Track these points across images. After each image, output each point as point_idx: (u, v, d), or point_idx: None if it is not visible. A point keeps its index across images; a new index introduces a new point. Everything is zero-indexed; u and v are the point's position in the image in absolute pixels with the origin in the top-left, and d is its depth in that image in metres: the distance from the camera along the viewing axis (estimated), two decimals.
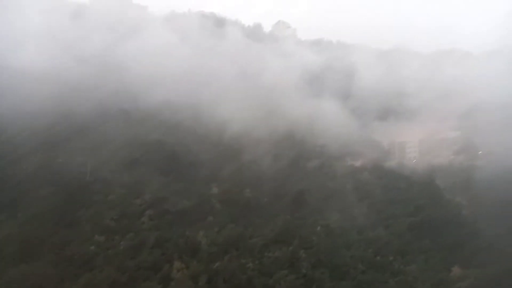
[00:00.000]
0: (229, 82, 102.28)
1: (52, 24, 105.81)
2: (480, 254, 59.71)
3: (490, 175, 74.28)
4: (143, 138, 76.19)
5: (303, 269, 53.48)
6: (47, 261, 45.66)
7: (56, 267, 44.89)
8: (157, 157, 71.58)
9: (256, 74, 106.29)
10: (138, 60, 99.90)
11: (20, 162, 65.90)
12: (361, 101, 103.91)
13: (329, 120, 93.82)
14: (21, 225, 51.55)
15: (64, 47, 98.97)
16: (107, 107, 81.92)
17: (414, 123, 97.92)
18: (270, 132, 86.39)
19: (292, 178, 77.49)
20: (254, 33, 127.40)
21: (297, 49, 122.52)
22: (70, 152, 68.49)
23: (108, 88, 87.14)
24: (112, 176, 64.54)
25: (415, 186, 78.97)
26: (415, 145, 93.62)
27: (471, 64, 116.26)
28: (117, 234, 53.85)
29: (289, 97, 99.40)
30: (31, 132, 73.18)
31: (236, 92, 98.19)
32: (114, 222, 56.28)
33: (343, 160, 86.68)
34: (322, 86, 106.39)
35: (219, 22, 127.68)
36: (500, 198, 66.08)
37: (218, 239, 55.96)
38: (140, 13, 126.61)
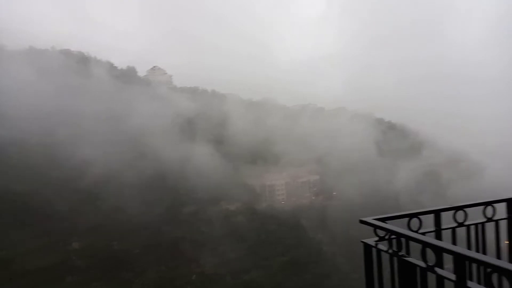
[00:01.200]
0: (94, 123, 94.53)
1: None
2: (339, 286, 66.43)
3: (341, 213, 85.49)
4: None
5: None
6: None
7: None
8: (3, 209, 59.58)
9: (126, 116, 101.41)
10: None
11: None
12: (232, 146, 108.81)
13: (202, 165, 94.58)
14: None
15: None
16: None
17: (280, 167, 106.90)
18: (140, 177, 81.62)
19: (166, 226, 74.06)
20: (127, 76, 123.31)
21: (172, 94, 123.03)
22: None
23: None
24: None
25: (284, 227, 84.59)
26: (283, 188, 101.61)
27: (323, 117, 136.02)
28: None
29: (161, 141, 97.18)
30: None
31: (102, 133, 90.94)
32: None
33: (218, 205, 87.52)
34: (196, 132, 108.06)
35: (87, 62, 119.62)
36: (348, 234, 75.80)
37: None
38: None
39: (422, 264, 2.97)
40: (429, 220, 3.80)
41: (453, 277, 2.70)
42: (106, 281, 54.48)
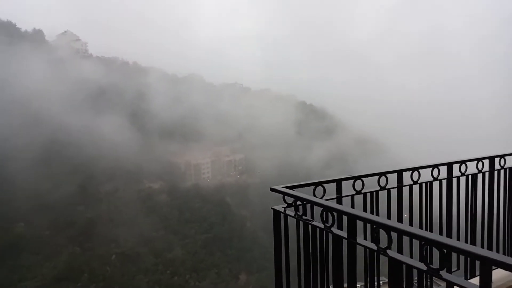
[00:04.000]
0: None
1: None
2: (260, 259, 69.67)
3: (265, 190, 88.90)
4: None
5: None
6: None
7: None
8: None
9: (19, 83, 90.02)
10: None
11: None
12: (157, 123, 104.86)
13: (122, 141, 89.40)
14: None
15: None
16: None
17: (206, 146, 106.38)
18: (44, 152, 74.11)
19: (80, 206, 69.50)
20: (33, 40, 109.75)
21: (84, 62, 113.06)
22: None
23: None
24: None
25: (208, 204, 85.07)
26: (208, 166, 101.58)
27: (250, 97, 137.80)
28: None
29: (71, 114, 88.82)
30: None
31: None
32: None
33: (141, 183, 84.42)
34: (113, 105, 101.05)
35: None
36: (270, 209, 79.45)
37: None
38: None
39: (321, 225, 3.34)
40: (333, 189, 4.24)
41: (345, 235, 3.09)
42: (5, 266, 49.73)
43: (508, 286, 4.59)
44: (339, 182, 4.18)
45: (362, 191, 4.27)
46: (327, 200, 3.89)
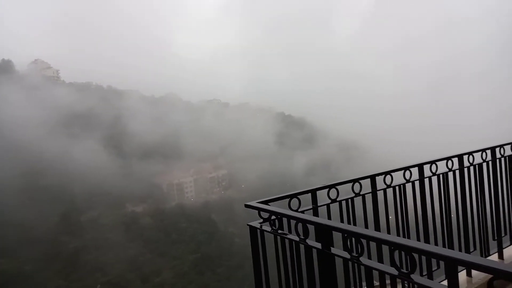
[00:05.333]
0: None
1: None
2: (251, 276, 68.47)
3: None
4: None
5: None
6: None
7: None
8: None
9: None
10: None
11: None
12: (134, 145, 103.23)
13: (100, 166, 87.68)
14: None
15: None
16: None
17: (187, 164, 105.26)
18: (22, 182, 72.04)
19: (64, 236, 67.25)
20: (3, 71, 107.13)
21: (58, 89, 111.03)
22: None
23: None
24: None
25: (195, 224, 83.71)
26: (191, 185, 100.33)
27: (229, 113, 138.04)
28: None
29: (47, 142, 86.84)
30: None
31: None
32: None
33: (123, 207, 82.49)
34: (88, 130, 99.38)
35: None
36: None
37: None
38: None
39: (296, 238, 3.36)
40: (309, 199, 4.27)
41: (320, 245, 3.10)
42: None
43: (489, 279, 4.70)
44: (313, 192, 4.19)
45: (337, 199, 4.32)
46: (303, 211, 3.92)
